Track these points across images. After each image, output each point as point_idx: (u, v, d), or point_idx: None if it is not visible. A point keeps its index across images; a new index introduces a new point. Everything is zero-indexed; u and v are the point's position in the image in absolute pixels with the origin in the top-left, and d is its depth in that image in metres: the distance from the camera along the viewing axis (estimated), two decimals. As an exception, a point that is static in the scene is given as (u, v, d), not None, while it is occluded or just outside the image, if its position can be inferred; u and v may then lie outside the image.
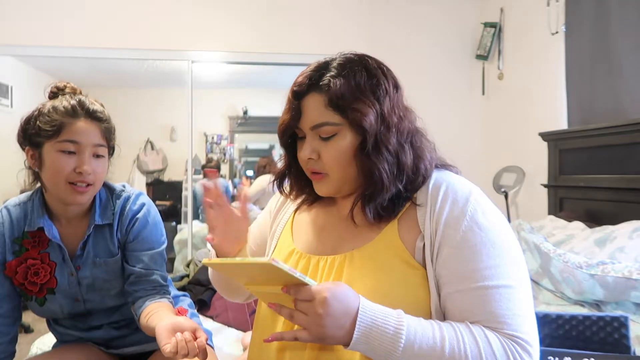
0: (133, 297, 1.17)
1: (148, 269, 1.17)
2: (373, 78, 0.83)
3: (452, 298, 0.76)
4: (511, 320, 0.72)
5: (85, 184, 1.10)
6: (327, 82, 0.81)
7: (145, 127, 4.78)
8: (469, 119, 3.67)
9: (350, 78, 0.82)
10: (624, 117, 2.17)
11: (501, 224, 0.79)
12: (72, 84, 1.17)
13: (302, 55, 3.53)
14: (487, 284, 0.73)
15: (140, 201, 1.22)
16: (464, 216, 0.77)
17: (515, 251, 0.78)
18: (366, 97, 0.81)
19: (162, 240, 1.24)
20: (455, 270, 0.76)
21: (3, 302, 1.16)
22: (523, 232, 2.13)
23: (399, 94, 0.86)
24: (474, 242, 0.76)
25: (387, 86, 0.84)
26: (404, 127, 0.84)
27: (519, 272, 0.76)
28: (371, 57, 0.87)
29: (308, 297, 0.69)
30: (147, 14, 3.41)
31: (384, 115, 0.82)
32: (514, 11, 3.21)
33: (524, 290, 0.75)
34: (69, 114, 1.09)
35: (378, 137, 0.81)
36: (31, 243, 1.16)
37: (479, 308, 0.74)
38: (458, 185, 0.82)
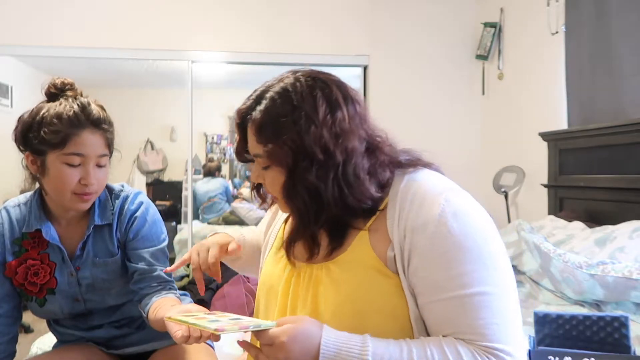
0: (139, 295, 1.17)
1: (151, 266, 1.17)
2: (295, 110, 0.77)
3: (427, 309, 0.73)
4: (486, 331, 0.68)
5: (89, 193, 1.10)
6: (254, 115, 0.80)
7: (145, 127, 4.78)
8: (469, 119, 3.67)
9: (270, 112, 0.78)
10: (624, 117, 2.17)
11: (475, 225, 0.73)
12: (70, 81, 1.15)
13: (302, 55, 3.53)
14: (460, 293, 0.69)
15: (138, 200, 1.22)
16: (432, 220, 0.72)
17: (494, 254, 0.72)
18: (284, 133, 0.76)
19: (163, 238, 1.24)
20: (426, 279, 0.72)
21: (3, 302, 1.16)
22: (523, 232, 2.13)
23: (336, 119, 0.77)
24: (444, 249, 0.71)
25: (315, 116, 0.76)
26: (334, 160, 0.76)
27: (498, 277, 0.71)
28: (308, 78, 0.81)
29: (268, 342, 0.69)
30: (147, 14, 3.41)
31: (306, 150, 0.76)
32: (514, 11, 3.21)
33: (503, 296, 0.70)
34: (74, 124, 1.06)
35: (296, 175, 0.77)
36: (31, 244, 1.16)
37: (453, 320, 0.70)
38: (428, 186, 0.77)
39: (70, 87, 1.13)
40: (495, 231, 0.76)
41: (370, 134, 0.82)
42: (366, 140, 0.81)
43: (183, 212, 4.62)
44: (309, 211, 0.79)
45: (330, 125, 0.77)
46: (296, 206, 0.79)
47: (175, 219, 4.67)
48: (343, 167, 0.77)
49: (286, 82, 0.80)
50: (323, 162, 0.76)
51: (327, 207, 0.77)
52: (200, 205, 4.50)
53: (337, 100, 0.79)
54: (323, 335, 0.70)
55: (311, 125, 0.76)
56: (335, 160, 0.76)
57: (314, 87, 0.79)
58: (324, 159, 0.76)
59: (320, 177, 0.76)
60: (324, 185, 0.76)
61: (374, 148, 0.81)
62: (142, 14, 3.41)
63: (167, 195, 4.78)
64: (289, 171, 0.78)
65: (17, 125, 1.12)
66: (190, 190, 3.72)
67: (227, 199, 4.55)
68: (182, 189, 4.77)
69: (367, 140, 0.81)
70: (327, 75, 0.83)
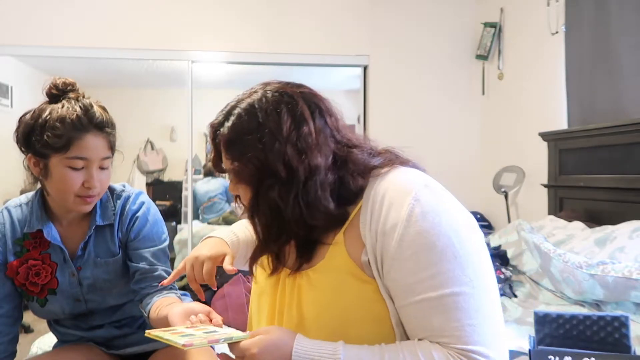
0: (140, 295, 1.17)
1: (152, 266, 1.18)
2: (259, 128, 0.76)
3: (402, 312, 0.72)
4: (460, 332, 0.66)
5: (92, 195, 1.11)
6: (221, 132, 0.80)
7: (145, 127, 4.78)
8: (469, 119, 3.67)
9: (235, 130, 0.78)
10: (624, 117, 2.17)
11: (447, 223, 0.70)
12: (72, 81, 1.14)
13: (302, 55, 3.53)
14: (431, 295, 0.68)
15: (139, 200, 1.23)
16: (401, 222, 0.70)
17: (469, 252, 0.70)
18: (248, 151, 0.76)
19: (164, 238, 1.24)
20: (399, 282, 0.71)
21: (4, 302, 1.16)
22: (523, 232, 2.13)
23: (301, 134, 0.76)
24: (413, 250, 0.69)
25: (278, 132, 0.75)
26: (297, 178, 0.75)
27: (472, 275, 0.68)
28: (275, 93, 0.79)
29: (239, 354, 0.70)
30: (147, 14, 3.41)
31: (269, 168, 0.75)
32: (514, 11, 3.21)
33: (479, 295, 0.68)
34: (77, 127, 1.06)
35: (260, 192, 0.77)
36: (32, 244, 1.16)
37: (425, 322, 0.69)
38: (398, 186, 0.74)
39: (72, 88, 1.13)
40: (472, 228, 0.74)
41: (340, 145, 0.80)
42: (335, 152, 0.79)
43: (183, 212, 4.62)
44: (271, 229, 0.79)
45: (295, 141, 0.76)
46: (260, 224, 0.80)
47: (175, 219, 4.67)
48: (305, 185, 0.75)
49: (253, 98, 0.80)
50: (286, 180, 0.75)
51: (289, 226, 0.77)
52: (200, 205, 4.50)
53: (302, 115, 0.77)
54: (295, 345, 0.70)
55: (275, 142, 0.75)
56: (298, 178, 0.75)
57: (279, 102, 0.78)
58: (287, 176, 0.75)
59: (282, 195, 0.76)
60: (284, 205, 0.76)
61: (344, 159, 0.79)
62: (142, 14, 3.41)
63: (167, 195, 4.77)
64: (254, 189, 0.78)
65: (19, 126, 1.11)
66: (190, 190, 3.72)
67: (227, 199, 4.55)
68: (182, 189, 4.77)
69: (336, 153, 0.79)
70: (296, 89, 0.81)
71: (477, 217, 3.42)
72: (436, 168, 0.83)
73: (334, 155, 0.79)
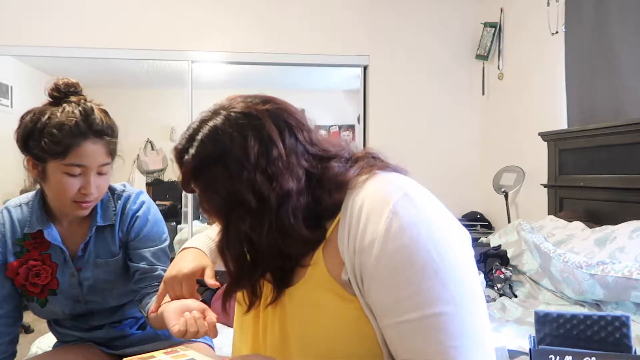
0: (140, 294, 1.17)
1: (152, 265, 1.18)
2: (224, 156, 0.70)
3: (384, 333, 0.68)
4: (443, 356, 0.61)
5: (89, 201, 1.10)
6: (185, 160, 0.74)
7: (145, 127, 4.78)
8: (469, 119, 3.67)
9: (199, 158, 0.72)
10: (624, 117, 2.17)
11: (428, 236, 0.65)
12: (74, 81, 1.12)
13: (302, 55, 3.53)
14: (410, 317, 0.63)
15: (140, 200, 1.22)
16: (378, 238, 0.65)
17: (452, 266, 0.65)
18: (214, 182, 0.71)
19: (164, 237, 1.24)
20: (378, 302, 0.66)
21: (4, 303, 1.16)
22: (523, 232, 2.13)
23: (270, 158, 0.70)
24: (390, 269, 0.64)
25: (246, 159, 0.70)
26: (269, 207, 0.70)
27: (456, 292, 0.63)
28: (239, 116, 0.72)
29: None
30: (147, 14, 3.42)
31: (238, 198, 0.70)
32: (514, 11, 3.22)
33: (462, 313, 0.63)
34: (75, 134, 1.04)
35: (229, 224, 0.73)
36: (32, 244, 1.16)
37: (407, 345, 0.64)
38: (375, 198, 0.68)
39: (74, 90, 1.11)
40: (457, 239, 0.69)
41: (315, 162, 0.75)
42: (308, 170, 0.74)
43: (183, 212, 4.62)
44: (243, 264, 0.74)
45: (265, 167, 0.70)
46: (231, 258, 0.74)
47: (175, 219, 4.67)
48: (278, 213, 0.70)
49: (216, 122, 0.73)
50: (257, 210, 0.70)
51: (263, 258, 0.73)
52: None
53: (270, 137, 0.71)
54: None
55: (243, 170, 0.69)
56: (270, 206, 0.70)
57: (245, 126, 0.71)
58: (258, 205, 0.70)
59: (254, 226, 0.71)
60: (257, 236, 0.71)
61: (319, 177, 0.74)
62: (142, 14, 3.41)
63: (167, 195, 4.77)
64: (223, 221, 0.74)
65: (19, 126, 1.10)
66: (190, 190, 3.71)
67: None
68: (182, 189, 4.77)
69: (310, 171, 0.74)
70: (262, 106, 0.74)
71: (477, 217, 3.42)
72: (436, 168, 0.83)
73: (308, 173, 0.73)
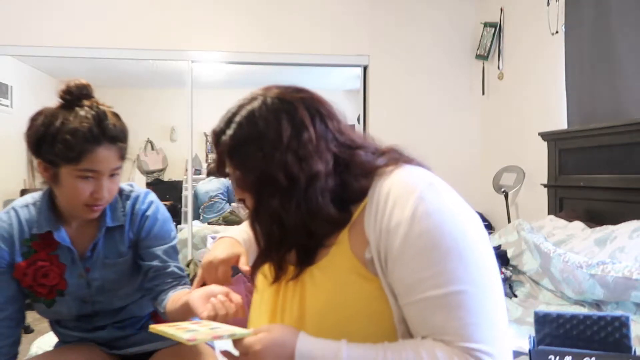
0: (154, 292, 1.17)
1: (164, 263, 1.18)
2: (259, 136, 0.77)
3: (405, 311, 0.72)
4: (463, 331, 0.66)
5: (101, 205, 1.11)
6: (222, 141, 0.81)
7: (145, 127, 4.79)
8: (469, 119, 3.67)
9: (236, 138, 0.79)
10: (624, 117, 2.17)
11: (452, 222, 0.70)
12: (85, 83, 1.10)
13: (302, 55, 3.53)
14: (433, 293, 0.67)
15: (148, 199, 1.23)
16: (405, 220, 0.70)
17: (473, 251, 0.70)
18: (249, 160, 0.78)
19: (173, 235, 1.25)
20: (402, 281, 0.70)
21: (7, 305, 1.15)
22: (523, 232, 2.13)
23: (301, 141, 0.76)
24: (416, 249, 0.69)
25: (279, 140, 0.76)
26: (298, 186, 0.75)
27: (476, 274, 0.68)
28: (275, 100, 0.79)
29: (242, 350, 0.71)
30: (147, 14, 3.42)
31: (270, 176, 0.76)
32: (514, 11, 3.22)
33: (482, 294, 0.68)
34: (89, 140, 1.03)
35: (261, 201, 0.78)
36: (40, 245, 1.15)
37: (428, 320, 0.68)
38: (402, 185, 0.74)
39: (86, 93, 1.09)
40: (477, 228, 0.74)
41: (342, 149, 0.80)
42: (337, 155, 0.79)
43: (183, 212, 4.63)
44: (272, 238, 0.79)
45: (295, 149, 0.76)
46: (261, 232, 0.80)
47: (175, 219, 4.65)
48: (306, 192, 0.76)
49: (253, 105, 0.80)
50: (287, 188, 0.75)
51: (290, 234, 0.78)
52: (201, 204, 4.50)
53: (302, 122, 0.77)
54: (298, 343, 0.70)
55: (275, 151, 0.76)
56: (299, 186, 0.75)
57: (279, 110, 0.78)
58: (288, 184, 0.75)
59: (284, 203, 0.76)
60: (286, 213, 0.76)
61: (347, 162, 0.79)
62: (142, 14, 3.41)
63: (167, 195, 4.78)
64: (255, 197, 0.79)
65: (30, 128, 1.08)
66: (190, 190, 3.72)
67: (228, 198, 4.56)
68: (182, 189, 4.78)
69: (339, 156, 0.79)
70: (296, 94, 0.81)
71: (477, 217, 3.41)
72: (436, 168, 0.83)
73: (337, 158, 0.79)
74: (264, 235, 0.80)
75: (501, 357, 0.67)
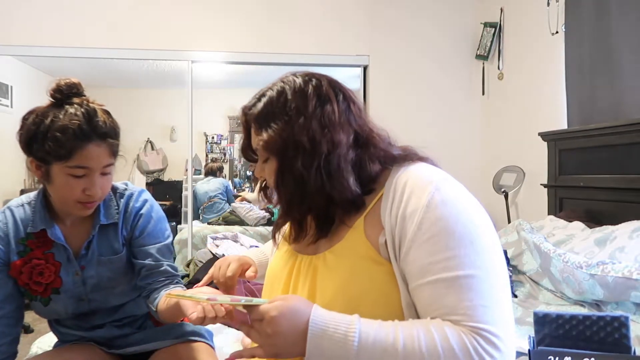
0: (147, 290, 1.18)
1: (157, 261, 1.19)
2: (287, 102, 0.84)
3: (416, 292, 0.75)
4: (473, 312, 0.69)
5: (93, 202, 1.11)
6: (252, 111, 0.88)
7: (145, 127, 4.78)
8: (469, 119, 3.67)
9: (266, 106, 0.86)
10: (624, 117, 2.17)
11: (464, 211, 0.75)
12: (76, 81, 1.12)
13: (301, 56, 3.53)
14: (445, 275, 0.71)
15: (142, 198, 1.24)
16: (421, 207, 0.75)
17: (483, 238, 0.74)
18: (276, 124, 0.84)
19: (167, 234, 1.25)
20: (415, 263, 0.74)
21: (5, 303, 1.16)
22: (523, 232, 2.13)
23: (325, 112, 0.83)
24: (431, 234, 0.73)
25: (304, 108, 0.83)
26: (320, 150, 0.81)
27: (486, 261, 0.72)
28: (304, 76, 0.88)
29: (259, 317, 0.72)
30: (147, 14, 3.42)
31: (295, 139, 0.82)
32: (514, 11, 3.21)
33: (491, 279, 0.71)
34: (79, 137, 1.04)
35: (285, 163, 0.83)
36: (36, 243, 1.16)
37: (439, 301, 0.71)
38: (420, 176, 0.80)
39: (76, 91, 1.11)
40: (486, 219, 0.78)
41: (362, 129, 0.87)
42: (357, 133, 0.86)
43: (183, 212, 4.62)
44: (294, 198, 0.84)
45: (319, 117, 0.82)
46: (283, 193, 0.85)
47: (175, 219, 4.67)
48: (327, 157, 0.81)
49: (284, 81, 0.88)
50: (309, 152, 0.81)
51: (311, 196, 0.82)
52: (200, 205, 4.50)
53: (327, 96, 0.85)
54: (312, 312, 0.72)
55: (300, 116, 0.82)
56: (320, 150, 0.81)
57: (307, 83, 0.86)
58: (310, 148, 0.81)
59: (306, 165, 0.81)
60: (307, 174, 0.81)
61: (366, 142, 0.86)
62: (142, 14, 3.41)
63: (167, 195, 4.78)
64: (279, 160, 0.84)
65: (22, 128, 1.09)
66: (190, 190, 3.71)
67: (228, 199, 4.55)
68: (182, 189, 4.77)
69: (359, 134, 0.86)
70: (322, 75, 0.90)
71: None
72: (436, 168, 0.87)
73: (356, 135, 0.86)
74: (287, 196, 0.84)
75: (507, 339, 0.69)
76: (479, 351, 0.67)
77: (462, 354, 0.67)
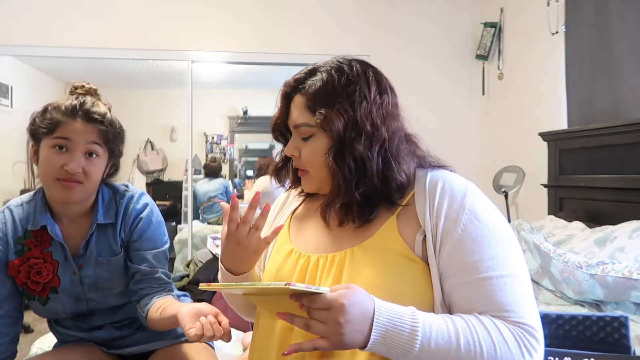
0: (139, 295, 1.18)
1: (153, 267, 1.19)
2: (351, 84, 0.84)
3: (458, 290, 0.77)
4: (517, 308, 0.74)
5: (73, 181, 1.10)
6: (307, 85, 0.86)
7: (145, 127, 4.78)
8: (469, 119, 3.67)
9: (327, 83, 0.85)
10: (624, 117, 2.17)
11: (498, 216, 0.82)
12: (90, 85, 1.19)
13: (301, 55, 3.53)
14: (491, 274, 0.75)
15: (143, 201, 1.23)
16: (463, 210, 0.80)
17: (513, 242, 0.80)
18: (338, 103, 0.83)
19: (165, 240, 1.25)
20: (458, 262, 0.77)
21: (4, 303, 1.16)
22: (523, 232, 2.13)
23: (383, 101, 0.86)
24: (475, 235, 0.78)
25: (367, 93, 0.85)
26: (380, 135, 0.84)
27: (518, 262, 0.79)
28: (360, 62, 0.89)
29: (324, 305, 0.68)
30: (147, 14, 3.41)
31: (357, 122, 0.83)
32: (514, 11, 3.21)
33: (524, 279, 0.78)
34: (67, 113, 1.10)
35: (345, 143, 0.83)
36: (34, 242, 1.16)
37: (485, 298, 0.75)
38: (454, 181, 0.85)
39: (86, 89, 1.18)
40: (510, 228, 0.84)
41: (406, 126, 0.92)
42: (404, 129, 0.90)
43: (183, 212, 4.62)
44: (351, 178, 0.83)
45: (379, 105, 0.85)
46: (341, 172, 0.83)
47: (175, 219, 4.67)
48: (387, 142, 0.84)
49: (340, 62, 0.88)
50: (371, 135, 0.83)
51: (370, 178, 0.83)
52: (200, 205, 4.50)
53: (385, 86, 0.89)
54: (376, 303, 0.71)
55: (363, 100, 0.84)
56: (381, 135, 0.83)
57: (367, 69, 0.88)
58: (372, 132, 0.83)
59: (367, 148, 0.82)
60: (369, 156, 0.82)
61: (406, 137, 0.90)
62: (142, 14, 3.41)
63: (167, 195, 4.78)
64: (338, 139, 0.83)
65: (32, 118, 1.16)
66: (190, 190, 3.71)
67: (227, 199, 4.55)
68: (182, 189, 4.77)
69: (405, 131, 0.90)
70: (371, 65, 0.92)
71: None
72: (436, 169, 0.88)
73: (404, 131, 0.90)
74: (342, 176, 0.83)
75: (541, 332, 0.76)
76: (526, 345, 0.72)
77: (514, 348, 0.72)
